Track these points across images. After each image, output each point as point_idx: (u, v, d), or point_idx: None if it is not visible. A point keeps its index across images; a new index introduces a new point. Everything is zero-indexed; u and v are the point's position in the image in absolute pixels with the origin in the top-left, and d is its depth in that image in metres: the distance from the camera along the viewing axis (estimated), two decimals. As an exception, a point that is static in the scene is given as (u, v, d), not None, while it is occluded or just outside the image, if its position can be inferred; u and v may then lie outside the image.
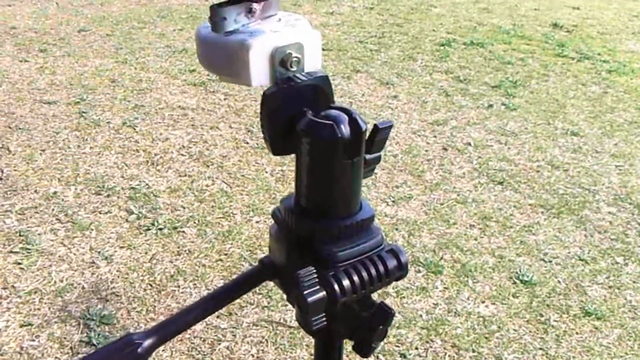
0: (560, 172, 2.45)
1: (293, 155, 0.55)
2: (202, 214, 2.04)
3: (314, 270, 0.51)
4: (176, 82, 3.19)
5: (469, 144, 2.65)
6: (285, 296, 0.63)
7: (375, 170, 2.03)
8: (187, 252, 1.85)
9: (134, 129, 2.64)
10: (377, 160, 0.56)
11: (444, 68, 3.61)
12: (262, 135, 0.54)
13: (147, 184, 2.21)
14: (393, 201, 2.17)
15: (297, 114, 0.51)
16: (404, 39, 4.18)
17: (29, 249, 1.86)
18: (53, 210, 2.05)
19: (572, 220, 2.12)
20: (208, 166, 2.35)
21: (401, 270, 0.56)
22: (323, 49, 3.84)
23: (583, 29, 4.67)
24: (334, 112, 0.52)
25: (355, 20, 4.63)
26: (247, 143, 2.56)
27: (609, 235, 2.05)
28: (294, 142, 0.52)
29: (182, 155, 2.43)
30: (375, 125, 0.53)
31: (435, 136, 2.70)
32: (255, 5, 0.52)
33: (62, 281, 1.73)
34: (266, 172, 2.32)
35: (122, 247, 1.87)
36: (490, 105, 3.08)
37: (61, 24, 4.24)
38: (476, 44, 4.11)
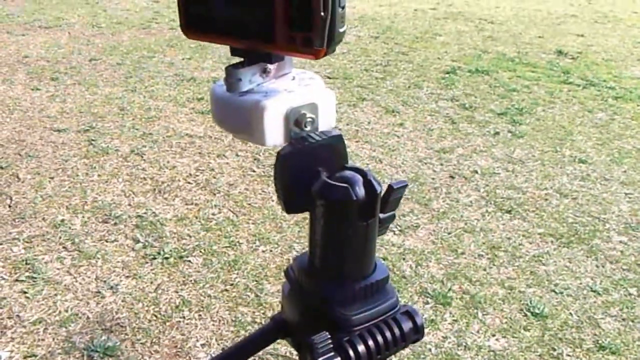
0: (569, 200, 2.43)
1: None
2: (208, 243, 2.03)
3: (328, 336, 0.50)
4: (184, 110, 3.22)
5: (476, 171, 2.64)
6: (297, 354, 0.61)
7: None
8: (193, 281, 1.84)
9: (142, 157, 2.65)
10: (392, 218, 0.56)
11: (450, 96, 3.62)
12: (275, 191, 0.54)
13: (153, 212, 2.21)
14: (400, 230, 2.15)
15: (312, 174, 0.51)
16: (409, 67, 4.21)
17: (35, 278, 1.85)
18: (60, 238, 2.05)
19: (582, 250, 2.10)
20: (214, 194, 2.35)
21: (417, 334, 0.55)
22: (329, 77, 3.87)
23: (588, 56, 4.69)
24: (348, 173, 0.52)
25: (360, 49, 4.67)
26: (254, 171, 2.56)
27: (621, 265, 2.02)
28: (308, 202, 0.52)
29: (189, 183, 2.44)
30: (389, 185, 0.53)
31: (441, 164, 2.70)
32: (270, 66, 0.52)
33: (67, 311, 1.72)
34: (272, 201, 2.31)
35: (127, 277, 1.86)
36: (497, 133, 3.08)
37: (73, 53, 4.30)
38: (481, 71, 4.13)
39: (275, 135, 0.51)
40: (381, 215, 0.54)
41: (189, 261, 1.94)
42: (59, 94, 3.42)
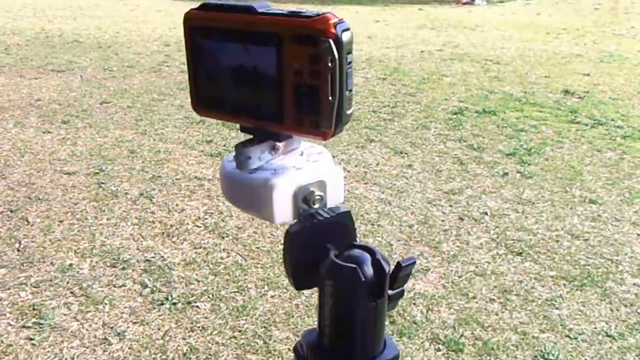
0: (581, 241, 2.41)
1: None
2: (217, 288, 2.02)
3: None
4: (193, 152, 3.24)
5: (486, 213, 2.62)
6: None
7: (391, 242, 1.99)
8: (201, 328, 1.82)
9: (151, 200, 2.66)
10: (401, 294, 0.56)
11: (458, 136, 3.64)
12: (284, 267, 0.54)
13: (162, 256, 2.20)
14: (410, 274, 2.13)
15: (320, 251, 0.52)
16: (416, 108, 4.25)
17: (42, 324, 1.84)
18: (68, 283, 2.04)
19: (595, 293, 2.06)
20: (223, 238, 2.35)
21: None
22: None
23: (595, 95, 4.71)
24: (356, 252, 0.52)
25: (368, 90, 4.72)
26: (263, 214, 2.56)
27: (636, 308, 1.98)
28: (317, 279, 0.52)
29: (198, 226, 2.43)
30: (397, 262, 0.53)
31: (451, 205, 2.69)
32: (278, 144, 0.53)
33: (72, 359, 1.69)
34: (281, 244, 2.30)
35: (135, 323, 1.84)
36: (506, 174, 3.07)
37: (84, 96, 4.37)
38: (488, 112, 4.15)
39: (284, 213, 0.52)
40: (390, 292, 0.54)
41: (197, 307, 1.92)
42: (70, 137, 3.47)
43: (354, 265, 0.50)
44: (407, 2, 14.27)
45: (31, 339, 1.77)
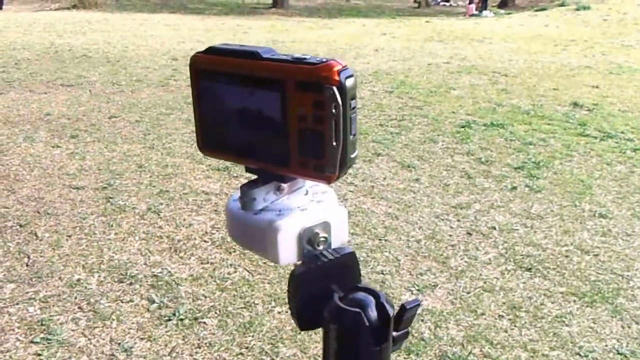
0: (591, 257, 2.38)
1: None
2: (224, 303, 2.01)
3: None
4: (201, 167, 3.25)
5: (494, 227, 2.61)
6: None
7: (398, 257, 1.98)
8: (208, 344, 1.81)
9: (158, 215, 2.67)
10: (405, 336, 0.55)
11: (465, 150, 3.63)
12: (288, 307, 0.54)
13: (169, 272, 2.20)
14: (417, 290, 2.12)
15: (325, 292, 0.52)
16: (424, 121, 4.24)
17: (50, 340, 1.84)
18: (76, 298, 2.04)
19: (606, 310, 2.04)
20: (230, 253, 2.34)
21: None
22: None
23: (604, 108, 4.69)
24: (360, 295, 0.52)
25: (375, 104, 4.72)
26: (270, 228, 2.56)
27: (647, 326, 1.96)
28: (322, 320, 0.53)
29: (205, 241, 2.44)
30: (402, 305, 0.53)
31: (458, 220, 2.67)
32: (283, 185, 0.54)
33: (80, 376, 1.69)
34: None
35: (142, 339, 1.84)
36: (514, 187, 3.06)
37: (93, 110, 4.41)
38: (496, 125, 4.14)
39: (288, 254, 0.52)
40: (394, 334, 0.54)
41: (204, 323, 1.91)
42: (79, 151, 3.49)
43: (357, 310, 0.50)
44: (414, 14, 14.33)
45: (39, 355, 1.77)
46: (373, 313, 0.50)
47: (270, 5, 15.47)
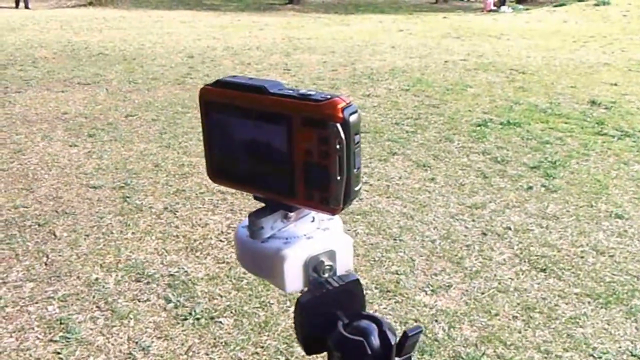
0: (606, 257, 2.37)
1: None
2: (239, 303, 2.04)
3: None
4: (216, 165, 3.28)
5: (509, 228, 2.60)
6: None
7: (413, 257, 1.98)
8: (224, 343, 1.84)
9: (175, 214, 2.70)
10: None
11: (481, 149, 3.61)
12: (295, 334, 0.55)
13: (185, 271, 2.23)
14: (432, 290, 2.12)
15: (330, 319, 0.53)
16: (440, 120, 4.23)
17: (69, 338, 1.87)
18: (94, 297, 2.08)
19: (621, 311, 2.02)
20: (246, 252, 2.36)
21: None
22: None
23: (622, 106, 4.64)
24: (364, 324, 0.53)
25: (391, 102, 4.72)
26: (285, 228, 2.58)
27: (663, 328, 1.94)
28: (327, 345, 0.54)
29: (221, 241, 2.46)
30: (404, 332, 0.54)
31: (473, 220, 2.67)
32: (290, 213, 0.55)
33: (98, 374, 1.72)
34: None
35: (159, 338, 1.87)
36: (530, 187, 3.04)
37: (110, 109, 4.46)
38: (513, 123, 4.11)
39: (295, 281, 0.54)
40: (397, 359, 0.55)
41: (220, 322, 1.94)
42: (96, 151, 3.54)
43: (360, 338, 0.51)
44: (431, 10, 14.24)
45: (58, 353, 1.81)
46: (376, 341, 0.51)
47: (287, 2, 15.48)
